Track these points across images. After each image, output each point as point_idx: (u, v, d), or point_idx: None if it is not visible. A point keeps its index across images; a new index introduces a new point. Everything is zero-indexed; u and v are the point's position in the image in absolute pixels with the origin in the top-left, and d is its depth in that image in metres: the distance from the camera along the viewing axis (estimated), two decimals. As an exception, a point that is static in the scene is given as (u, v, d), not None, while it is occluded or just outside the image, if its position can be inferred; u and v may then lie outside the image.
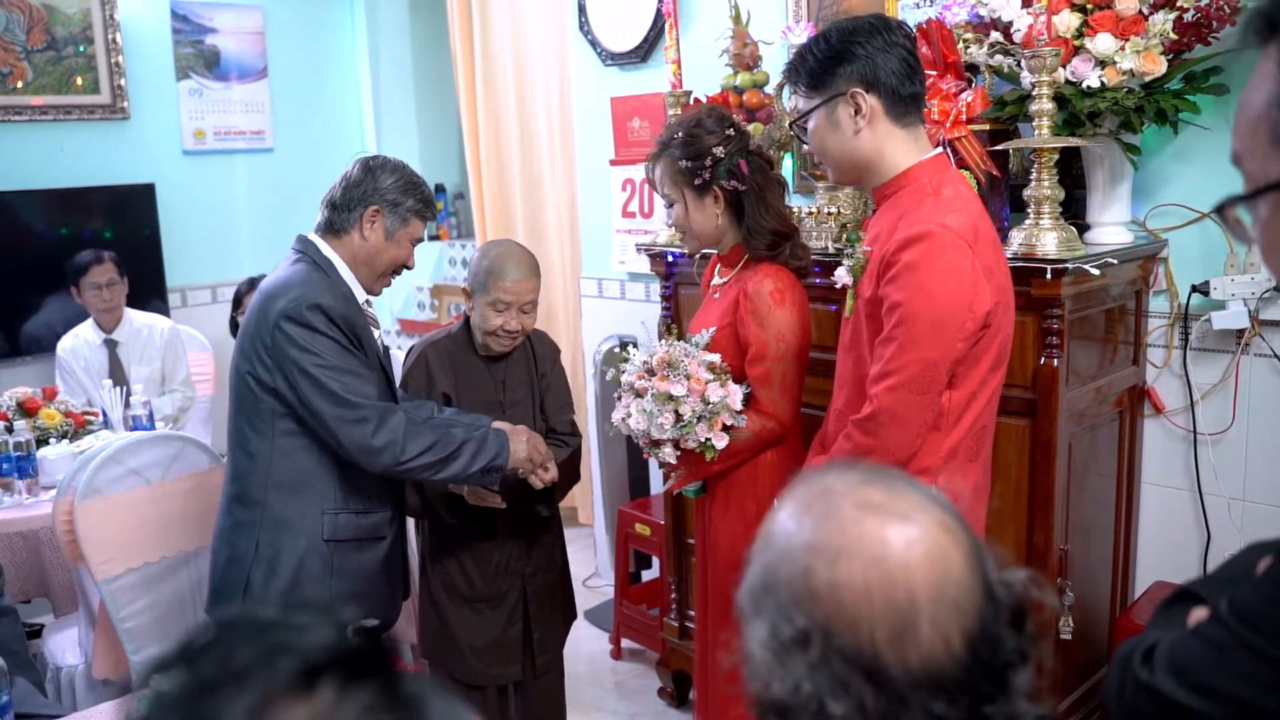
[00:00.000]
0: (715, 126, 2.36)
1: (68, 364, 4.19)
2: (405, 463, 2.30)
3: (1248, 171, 0.92)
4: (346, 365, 2.30)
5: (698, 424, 2.25)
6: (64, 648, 3.11)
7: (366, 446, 2.28)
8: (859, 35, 1.95)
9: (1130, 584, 2.90)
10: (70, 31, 4.87)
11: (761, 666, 0.90)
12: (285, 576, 2.35)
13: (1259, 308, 2.58)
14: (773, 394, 2.34)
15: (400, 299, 6.05)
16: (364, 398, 2.29)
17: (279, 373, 2.29)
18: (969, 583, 0.89)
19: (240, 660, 0.63)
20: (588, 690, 3.64)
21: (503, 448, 2.42)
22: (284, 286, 2.33)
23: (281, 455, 2.35)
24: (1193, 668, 0.95)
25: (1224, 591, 1.01)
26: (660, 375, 2.28)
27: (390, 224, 2.43)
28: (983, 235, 1.92)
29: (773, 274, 2.34)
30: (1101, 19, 2.42)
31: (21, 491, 3.27)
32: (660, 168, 2.42)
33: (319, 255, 2.41)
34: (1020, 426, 2.47)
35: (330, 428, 2.29)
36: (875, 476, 0.95)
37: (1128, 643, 1.06)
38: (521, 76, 4.91)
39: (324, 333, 2.28)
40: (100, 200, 4.93)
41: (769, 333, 2.30)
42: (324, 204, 2.46)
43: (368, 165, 2.45)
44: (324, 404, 2.27)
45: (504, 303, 2.56)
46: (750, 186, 2.35)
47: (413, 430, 2.32)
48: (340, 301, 2.34)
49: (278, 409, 2.33)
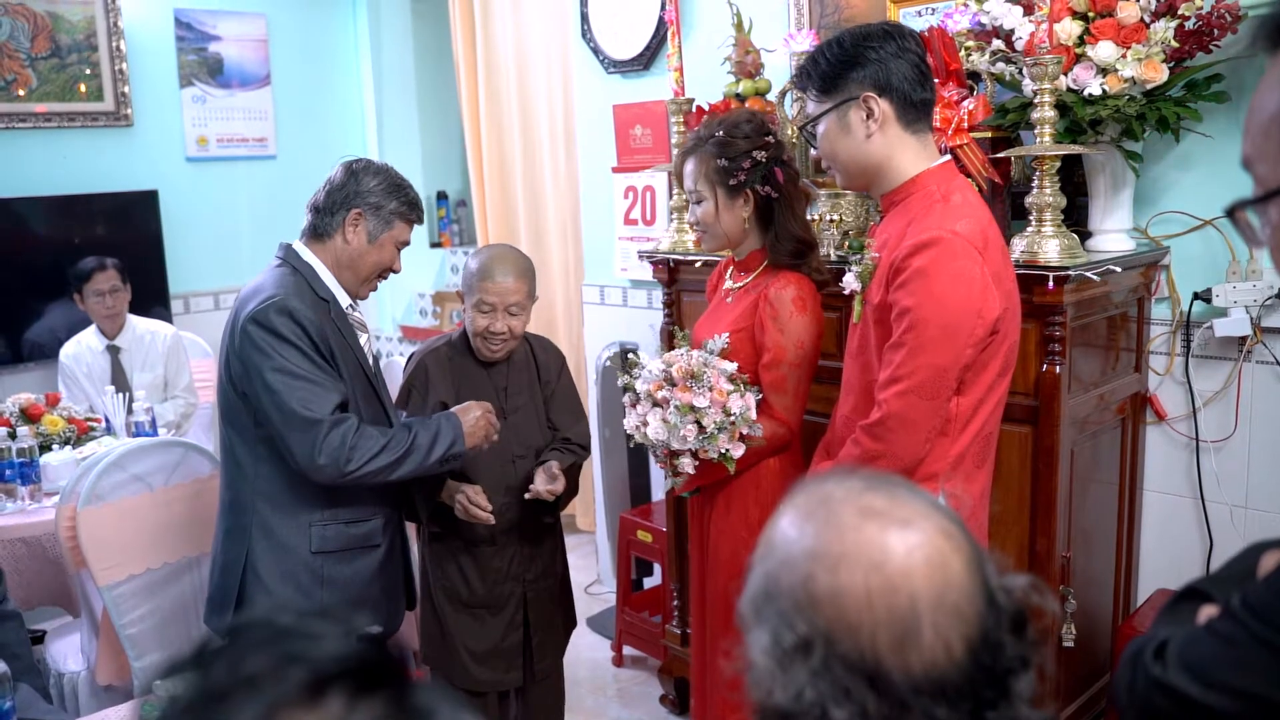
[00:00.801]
0: (754, 131, 2.37)
1: (70, 370, 4.19)
2: (352, 472, 2.25)
3: (1259, 175, 0.92)
4: (304, 373, 2.25)
5: (720, 435, 2.25)
6: (66, 654, 3.11)
7: (310, 461, 2.23)
8: (872, 40, 1.96)
9: (1132, 591, 2.90)
10: (74, 39, 4.88)
11: (764, 674, 0.90)
12: (273, 587, 2.33)
13: (1261, 315, 2.59)
14: (786, 400, 2.34)
15: (402, 306, 6.06)
16: (316, 409, 2.23)
17: (246, 377, 2.27)
18: (970, 588, 0.89)
19: (251, 668, 0.63)
20: (589, 697, 3.64)
21: (457, 433, 2.38)
22: (256, 291, 2.32)
23: (265, 463, 2.34)
24: (1206, 663, 0.95)
25: (1231, 589, 1.01)
26: (682, 385, 2.27)
27: (373, 227, 2.40)
28: (991, 242, 1.93)
29: (795, 281, 2.35)
30: (1103, 27, 2.42)
31: (24, 498, 3.28)
32: (693, 163, 2.41)
33: (299, 261, 2.40)
34: (1022, 433, 2.47)
35: (280, 435, 2.25)
36: (876, 483, 0.95)
37: (1137, 640, 1.06)
38: (524, 84, 4.92)
39: (287, 338, 2.24)
40: (103, 207, 4.95)
41: (789, 339, 2.31)
42: (308, 208, 2.44)
43: (350, 168, 2.42)
44: (274, 411, 2.24)
45: (488, 304, 2.55)
46: (782, 194, 2.37)
47: (361, 437, 2.26)
48: (311, 307, 2.30)
49: (255, 415, 2.31)
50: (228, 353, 2.33)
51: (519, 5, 4.82)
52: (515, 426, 2.67)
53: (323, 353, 2.29)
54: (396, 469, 2.31)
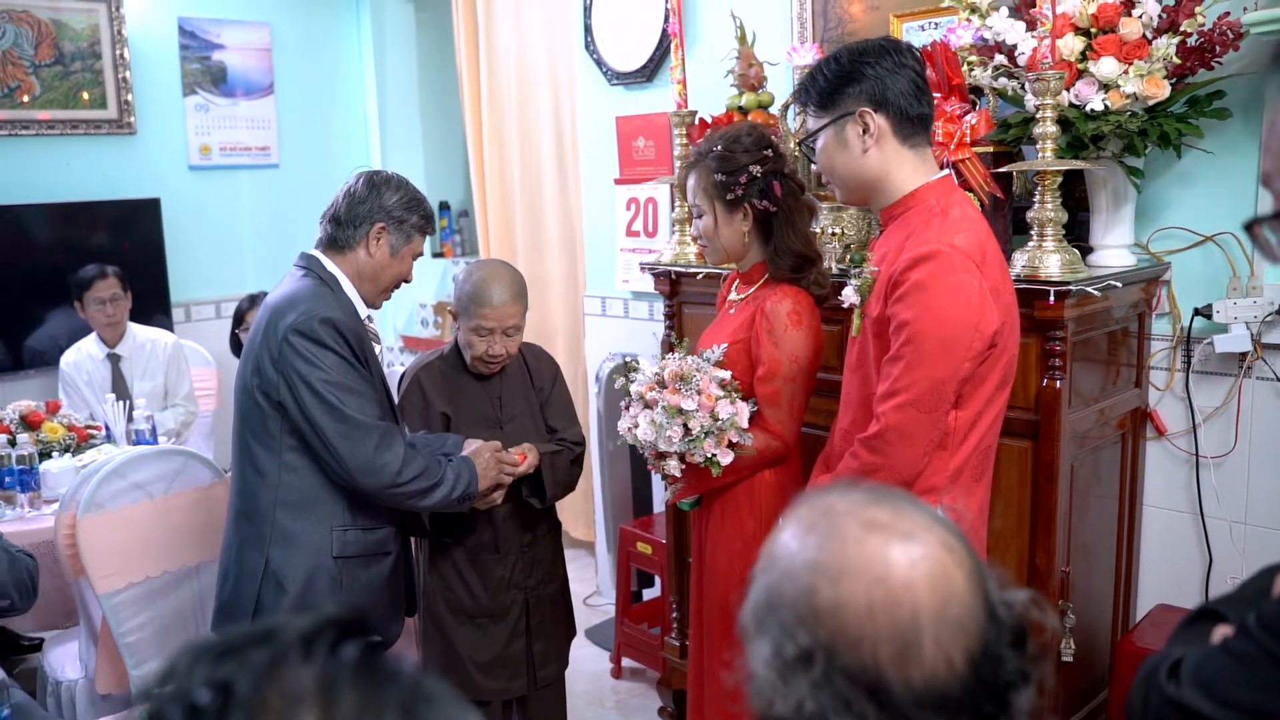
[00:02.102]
0: (753, 145, 2.37)
1: (71, 378, 4.20)
2: (400, 485, 2.31)
3: (1277, 191, 0.92)
4: (351, 383, 2.30)
5: (705, 439, 2.25)
6: (64, 662, 3.10)
7: (368, 463, 2.28)
8: (869, 56, 1.97)
9: (1132, 606, 2.89)
10: (78, 46, 4.90)
11: (765, 685, 0.90)
12: (294, 593, 2.35)
13: (1261, 331, 2.59)
14: (780, 413, 2.35)
15: (404, 316, 6.06)
16: (368, 415, 2.30)
17: (285, 387, 2.29)
18: (972, 602, 0.89)
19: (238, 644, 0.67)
20: (588, 709, 3.63)
21: (473, 476, 2.45)
22: (292, 301, 2.34)
23: (289, 471, 2.35)
24: (1220, 681, 0.95)
25: (1245, 609, 1.01)
26: (671, 388, 2.29)
27: (395, 241, 2.44)
28: (990, 256, 1.93)
29: (792, 295, 2.35)
30: (1105, 43, 2.43)
31: (24, 505, 3.27)
32: (694, 178, 2.43)
33: (324, 271, 2.42)
34: (1022, 448, 2.47)
35: (332, 444, 2.28)
36: (879, 496, 0.96)
37: (1151, 658, 1.06)
38: (526, 95, 4.93)
39: (332, 348, 2.28)
40: (105, 215, 4.96)
41: (783, 352, 2.31)
42: (326, 219, 2.46)
43: (372, 181, 2.45)
44: (327, 419, 2.27)
45: (486, 329, 2.57)
46: (781, 208, 2.36)
47: (410, 454, 2.34)
48: (349, 317, 2.35)
49: (285, 425, 2.33)
50: (257, 362, 2.33)
51: (522, 16, 4.83)
52: (512, 435, 2.67)
53: (365, 361, 2.35)
54: (428, 496, 2.37)
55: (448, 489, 2.38)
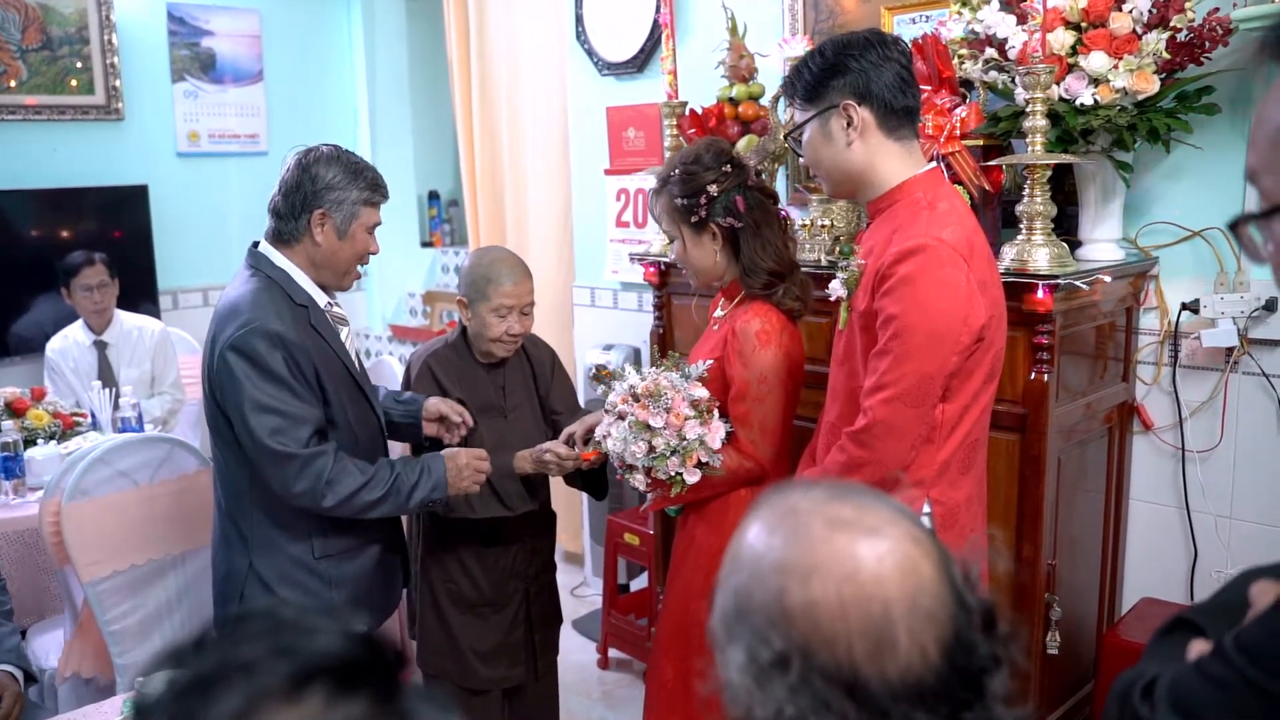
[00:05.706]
0: (712, 162, 2.33)
1: (57, 365, 4.18)
2: (329, 508, 2.23)
3: (1264, 188, 0.90)
4: (280, 404, 2.20)
5: (670, 457, 2.22)
6: (48, 649, 3.09)
7: (286, 492, 2.22)
8: (853, 49, 1.97)
9: (1117, 600, 2.90)
10: (66, 31, 4.87)
11: (741, 692, 0.89)
12: (281, 594, 2.31)
13: (1248, 326, 2.59)
14: (752, 434, 2.30)
15: (392, 305, 6.05)
16: (291, 440, 2.19)
17: (226, 402, 2.24)
18: (940, 592, 0.89)
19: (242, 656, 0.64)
20: (575, 700, 3.63)
21: (439, 479, 2.35)
22: (234, 310, 2.24)
23: (258, 481, 2.29)
24: (1196, 705, 0.94)
25: (1221, 620, 0.99)
26: (642, 404, 2.25)
27: (340, 222, 2.30)
28: (977, 249, 1.93)
29: (762, 314, 2.31)
30: (1095, 37, 2.43)
31: (8, 492, 3.26)
32: (660, 204, 2.40)
33: (272, 269, 2.32)
34: (1010, 441, 2.47)
35: (260, 468, 2.23)
36: (841, 493, 0.95)
37: (1125, 675, 1.04)
38: (517, 84, 4.91)
39: (264, 366, 2.18)
40: (93, 201, 4.93)
41: (751, 373, 2.27)
42: (269, 211, 2.35)
43: (303, 164, 2.30)
44: (251, 443, 2.21)
45: (506, 307, 2.56)
46: (746, 224, 2.31)
47: (340, 472, 2.23)
48: (291, 325, 2.24)
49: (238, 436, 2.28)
50: (206, 371, 2.29)
51: (513, 6, 4.81)
52: (515, 424, 2.67)
53: (304, 375, 2.24)
54: (374, 508, 2.29)
55: (402, 498, 2.30)
